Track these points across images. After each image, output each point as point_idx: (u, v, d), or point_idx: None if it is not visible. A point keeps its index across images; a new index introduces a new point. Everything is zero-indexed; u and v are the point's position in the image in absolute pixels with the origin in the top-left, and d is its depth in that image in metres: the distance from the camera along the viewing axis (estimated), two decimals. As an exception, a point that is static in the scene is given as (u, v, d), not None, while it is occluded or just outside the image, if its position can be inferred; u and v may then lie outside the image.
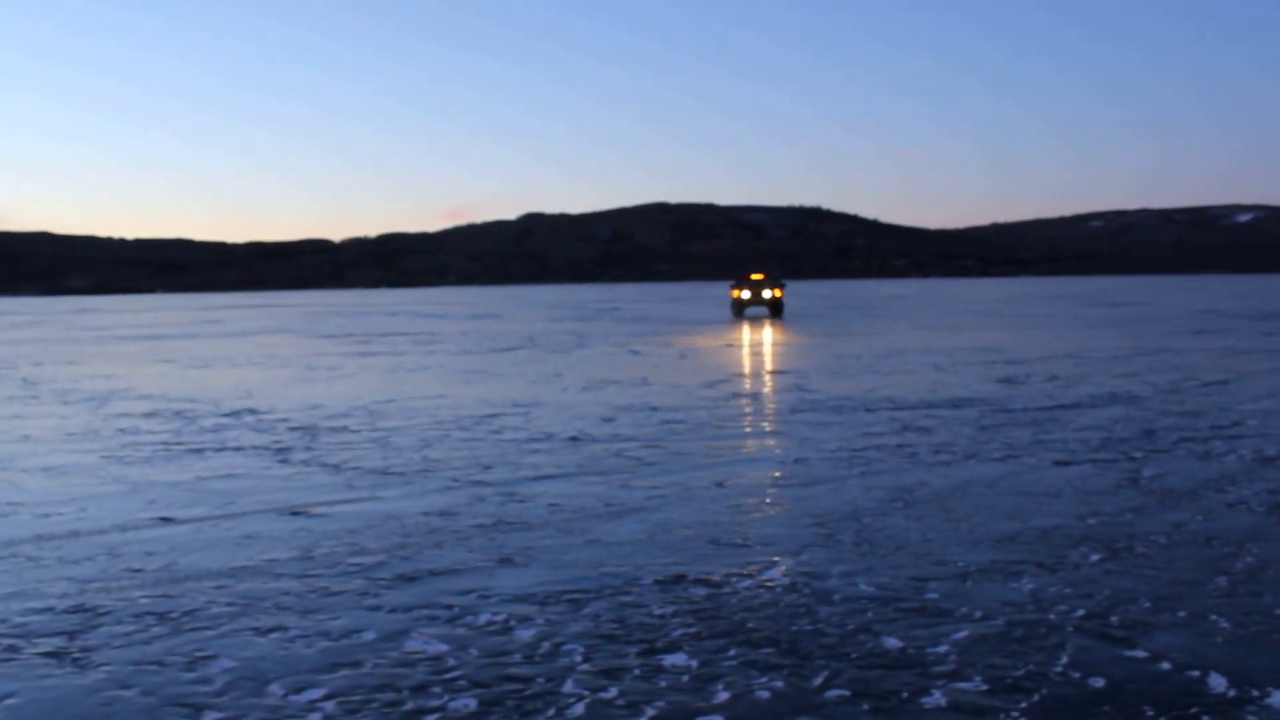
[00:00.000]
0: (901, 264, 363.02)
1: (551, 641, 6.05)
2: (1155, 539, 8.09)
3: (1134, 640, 5.96)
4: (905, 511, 9.10)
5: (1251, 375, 20.24)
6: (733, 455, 11.99)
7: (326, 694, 5.36)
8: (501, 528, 8.71)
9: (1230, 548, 7.81)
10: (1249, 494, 9.61)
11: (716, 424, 14.43)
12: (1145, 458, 11.43)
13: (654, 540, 8.28)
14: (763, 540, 8.22)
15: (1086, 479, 10.38)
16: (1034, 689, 5.32)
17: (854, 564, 7.53)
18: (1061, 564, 7.46)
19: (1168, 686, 5.33)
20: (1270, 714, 5.01)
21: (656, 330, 42.37)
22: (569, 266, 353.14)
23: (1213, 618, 6.31)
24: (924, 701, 5.18)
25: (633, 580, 7.22)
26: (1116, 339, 32.30)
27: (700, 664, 5.69)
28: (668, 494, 9.95)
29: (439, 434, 13.88)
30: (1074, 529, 8.42)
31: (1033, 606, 6.56)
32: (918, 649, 5.86)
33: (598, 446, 12.67)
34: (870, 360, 25.20)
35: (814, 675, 5.52)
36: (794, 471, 10.97)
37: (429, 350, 31.94)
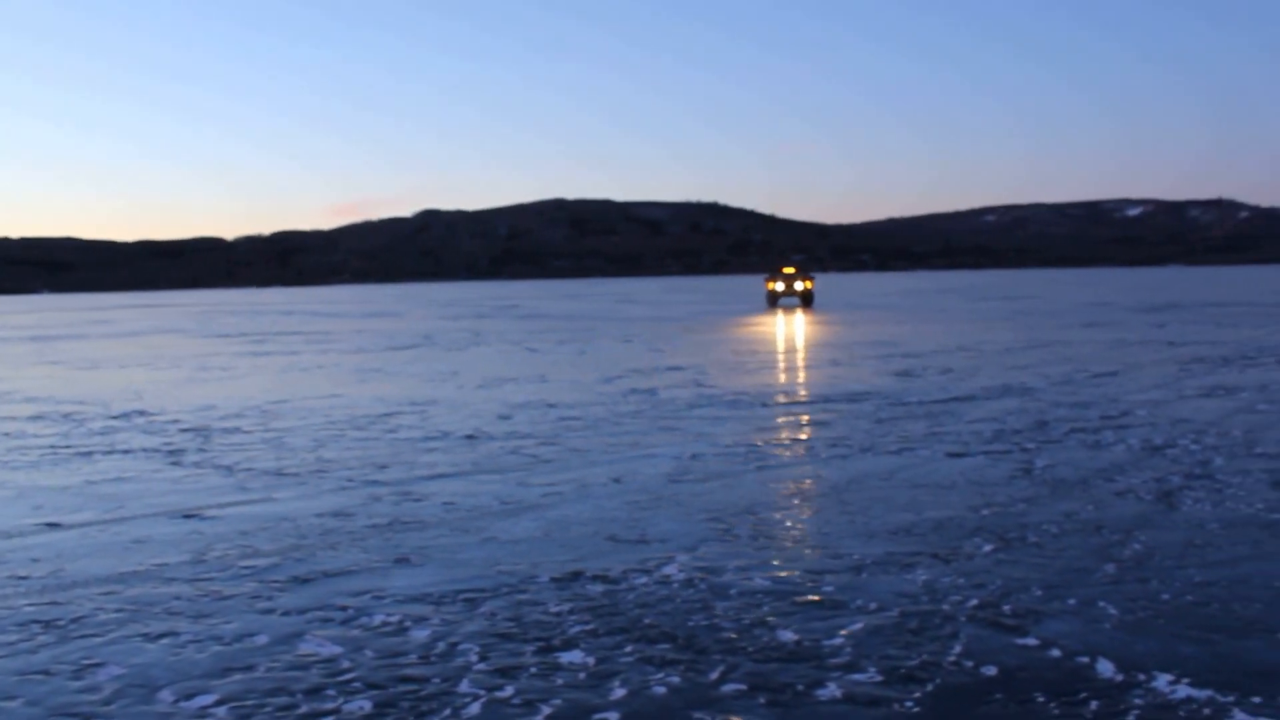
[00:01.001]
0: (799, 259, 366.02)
1: (447, 641, 5.96)
2: (1046, 528, 8.23)
3: (1025, 628, 6.05)
4: (801, 505, 9.17)
5: (1140, 366, 20.78)
6: (630, 451, 11.96)
7: (218, 699, 5.22)
8: (396, 527, 8.59)
9: (1119, 535, 7.98)
10: (1137, 482, 9.84)
11: (614, 420, 14.41)
12: (1037, 448, 11.65)
13: (550, 538, 8.22)
14: (659, 536, 8.20)
15: (980, 470, 10.55)
16: (927, 679, 5.37)
17: (750, 558, 7.55)
18: (955, 554, 7.56)
19: (1057, 673, 5.42)
20: (1156, 697, 5.11)
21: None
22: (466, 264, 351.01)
23: (1101, 604, 6.44)
24: (819, 694, 5.20)
25: (529, 578, 7.15)
26: (1010, 332, 32.96)
27: (597, 661, 5.65)
28: (564, 491, 9.89)
29: (333, 434, 13.66)
30: (967, 520, 8.54)
31: (927, 597, 6.63)
32: (813, 641, 5.88)
33: (494, 444, 12.57)
34: (766, 355, 25.39)
35: (710, 670, 5.51)
36: (691, 467, 10.98)
37: (324, 349, 31.49)
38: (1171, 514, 8.62)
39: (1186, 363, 21.40)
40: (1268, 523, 8.28)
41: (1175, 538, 7.88)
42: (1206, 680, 5.28)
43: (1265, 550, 7.54)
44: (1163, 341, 27.57)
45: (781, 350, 26.93)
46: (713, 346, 28.90)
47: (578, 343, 31.82)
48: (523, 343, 32.56)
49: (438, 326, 45.14)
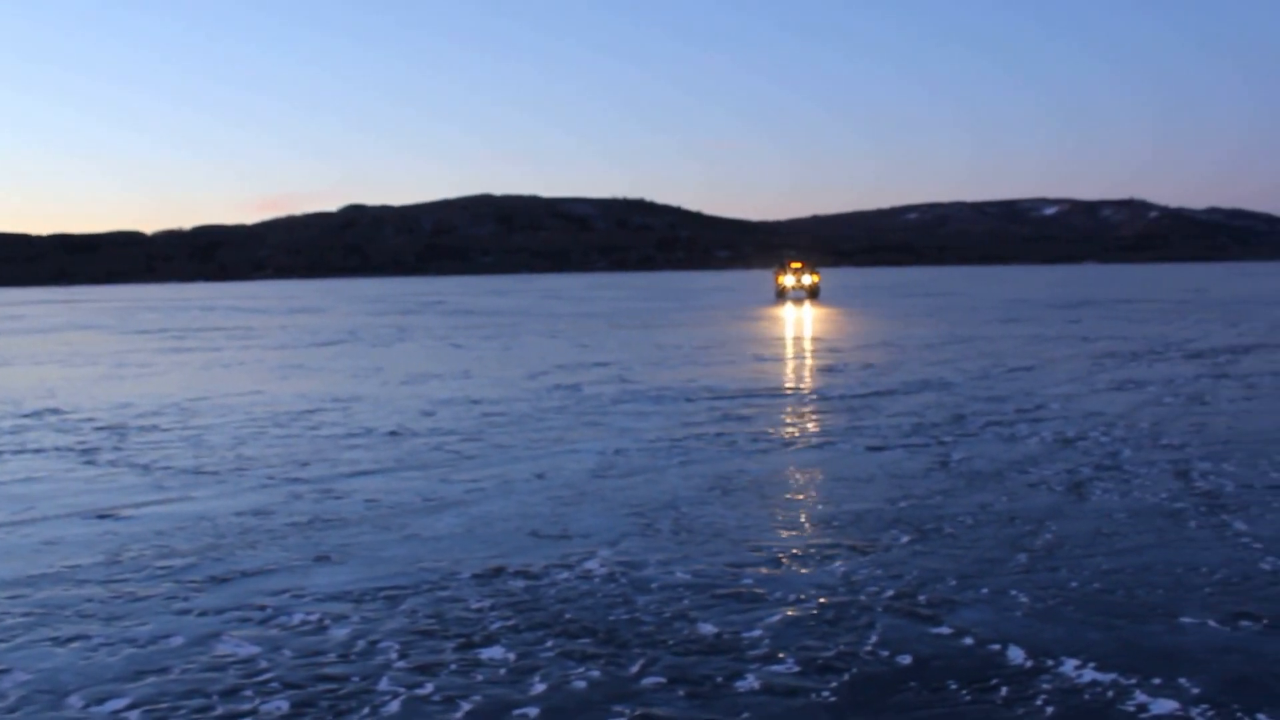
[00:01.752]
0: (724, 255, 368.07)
1: (367, 639, 5.95)
2: (962, 519, 8.39)
3: (940, 618, 6.17)
4: (723, 499, 9.25)
5: (1055, 361, 21.19)
6: (553, 447, 11.98)
7: (130, 703, 5.17)
8: (317, 525, 8.54)
9: (1031, 526, 8.16)
10: (1049, 474, 10.06)
11: (538, 416, 14.42)
12: (954, 442, 11.85)
13: (473, 534, 8.23)
14: (582, 531, 8.24)
15: (898, 463, 10.71)
16: (844, 668, 5.46)
17: (672, 552, 7.61)
18: (873, 546, 7.68)
19: (970, 660, 5.54)
20: (1063, 681, 5.25)
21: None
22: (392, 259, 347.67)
23: (1013, 593, 6.59)
24: (738, 685, 5.27)
25: (451, 575, 7.16)
26: (930, 327, 33.42)
27: (518, 656, 5.68)
28: (487, 487, 9.89)
29: (254, 431, 13.53)
30: (885, 512, 8.68)
31: (844, 588, 6.73)
32: (733, 634, 5.95)
33: (417, 441, 12.53)
34: (690, 350, 25.52)
35: (631, 663, 5.56)
36: (614, 462, 11.03)
37: (246, 346, 31.12)
38: (1081, 504, 8.84)
39: (1098, 357, 21.89)
40: (1171, 511, 8.52)
41: (1084, 527, 8.09)
42: (1111, 664, 5.44)
43: (1168, 538, 7.76)
44: (1076, 337, 28.14)
45: (705, 346, 27.06)
46: (636, 342, 28.96)
47: (503, 339, 31.75)
48: (448, 339, 32.41)
49: (363, 322, 44.77)
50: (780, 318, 41.32)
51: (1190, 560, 7.21)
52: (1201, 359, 21.37)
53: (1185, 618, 6.11)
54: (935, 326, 33.87)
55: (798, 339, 28.84)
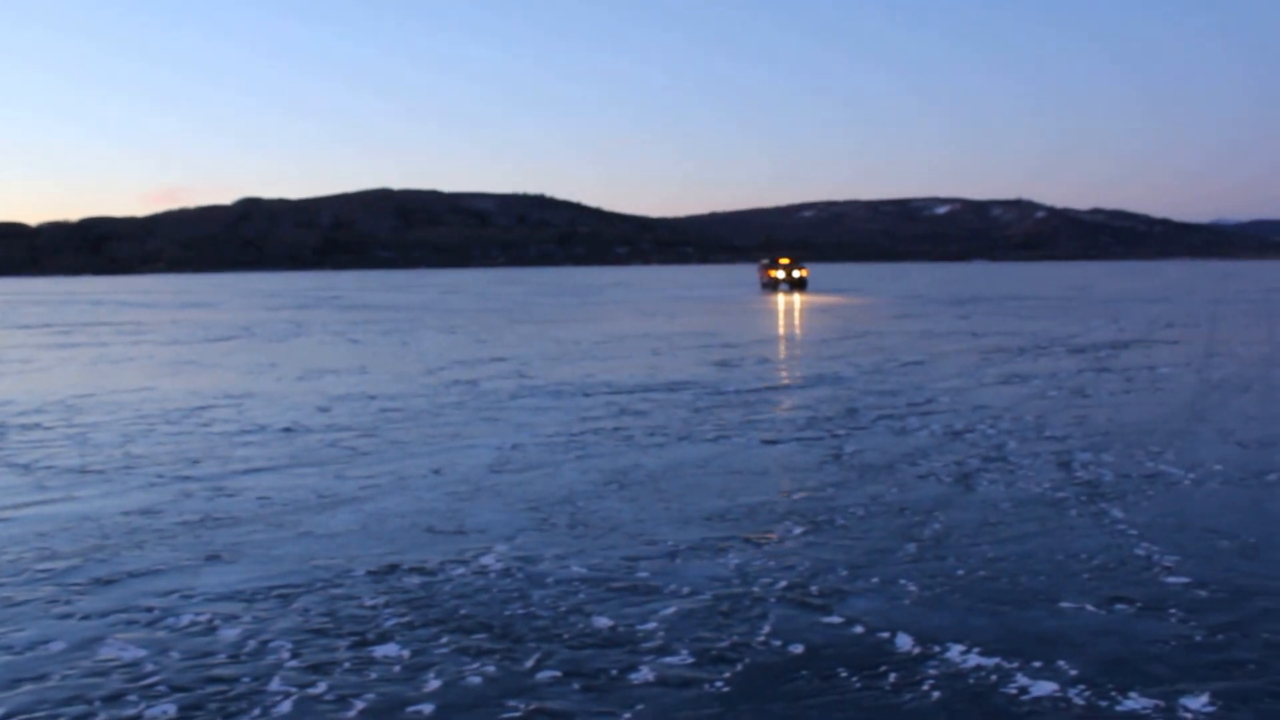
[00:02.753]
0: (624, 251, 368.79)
1: (258, 639, 5.89)
2: (854, 511, 8.55)
3: (831, 607, 6.29)
4: (619, 493, 9.30)
5: (945, 356, 21.63)
6: (450, 443, 11.94)
7: (6, 713, 5.03)
8: (208, 524, 8.41)
9: (920, 516, 8.35)
10: (938, 466, 10.29)
11: (435, 411, 14.34)
12: (847, 435, 12.05)
13: (367, 531, 8.18)
14: (478, 527, 8.24)
15: (792, 456, 10.87)
16: (737, 659, 5.54)
17: (567, 546, 7.65)
18: (767, 538, 7.79)
19: (860, 648, 5.66)
20: (949, 667, 5.39)
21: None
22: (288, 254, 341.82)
23: (902, 582, 6.74)
24: (632, 677, 5.32)
25: (345, 572, 7.11)
26: (826, 322, 33.88)
27: (412, 653, 5.67)
28: (383, 483, 9.83)
29: (143, 428, 13.25)
30: (779, 504, 8.81)
31: (738, 580, 6.83)
32: (628, 627, 6.00)
33: (312, 437, 12.39)
34: (589, 346, 25.55)
35: (526, 658, 5.59)
36: (511, 457, 11.03)
37: (135, 341, 30.43)
38: (968, 494, 9.06)
39: (987, 352, 22.40)
40: (1053, 500, 8.79)
41: (971, 517, 8.30)
42: (995, 649, 5.60)
43: (1050, 526, 8.00)
44: (966, 332, 28.76)
45: (602, 341, 27.12)
46: (536, 338, 28.92)
47: (401, 334, 31.47)
48: (345, 334, 32.04)
49: (257, 318, 44.04)
50: (680, 314, 41.55)
51: (1070, 547, 7.45)
52: (1084, 354, 21.98)
53: (1065, 602, 6.32)
54: (830, 322, 34.34)
55: (693, 333, 29.02)
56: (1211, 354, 21.62)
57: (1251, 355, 21.32)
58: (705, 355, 22.37)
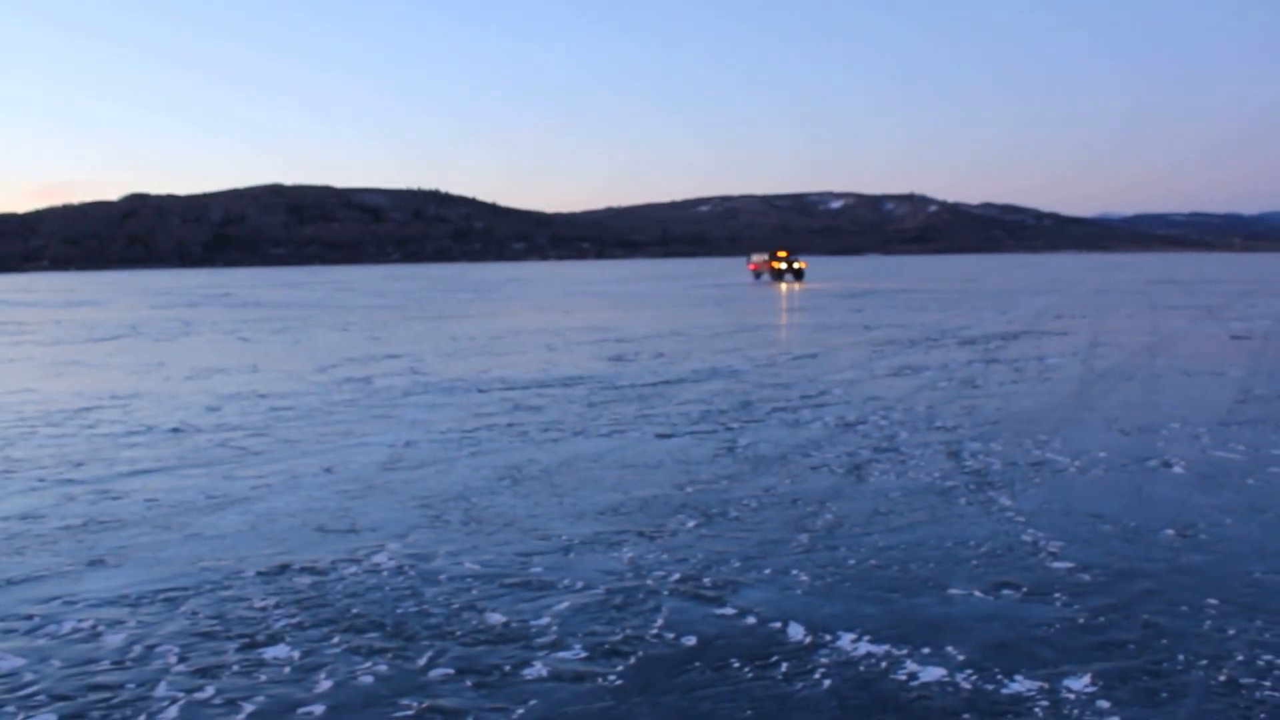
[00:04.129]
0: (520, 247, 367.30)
1: (144, 644, 5.76)
2: (747, 503, 8.62)
3: (724, 599, 6.34)
4: (513, 489, 9.27)
5: (838, 349, 21.90)
6: (343, 441, 11.78)
7: (-121, 723, 4.88)
8: (92, 528, 8.20)
9: (812, 507, 8.45)
10: (831, 457, 10.41)
11: (327, 409, 14.15)
12: (741, 427, 12.14)
13: (258, 531, 8.04)
14: (370, 525, 8.15)
15: (686, 449, 10.92)
16: (631, 652, 5.56)
17: (461, 543, 7.60)
18: (660, 531, 7.82)
19: (752, 639, 5.71)
20: (840, 654, 5.47)
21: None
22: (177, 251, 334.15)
23: (794, 572, 6.81)
24: (526, 673, 5.31)
25: (234, 574, 6.98)
26: (720, 316, 34.11)
27: (303, 654, 5.59)
28: (274, 483, 9.67)
29: (24, 431, 12.87)
30: (673, 497, 8.84)
31: (632, 574, 6.84)
32: (521, 623, 5.99)
33: (201, 437, 12.14)
34: (484, 342, 25.41)
35: (418, 656, 5.54)
36: (404, 454, 10.92)
37: (15, 342, 29.53)
38: (860, 485, 9.19)
39: (879, 345, 22.74)
40: (943, 489, 8.96)
41: (863, 507, 8.42)
42: (885, 636, 5.69)
43: (939, 514, 8.15)
44: (859, 325, 29.16)
45: (497, 336, 26.98)
46: (430, 334, 28.68)
47: (293, 332, 30.98)
48: (235, 332, 31.44)
49: (145, 316, 43.00)
50: (580, 308, 41.51)
51: (959, 535, 7.59)
52: (974, 345, 22.42)
53: (953, 589, 6.44)
54: (724, 316, 34.57)
55: (588, 328, 29.02)
56: (1097, 344, 22.20)
57: (1135, 345, 21.93)
58: (600, 349, 22.39)
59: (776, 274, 75.45)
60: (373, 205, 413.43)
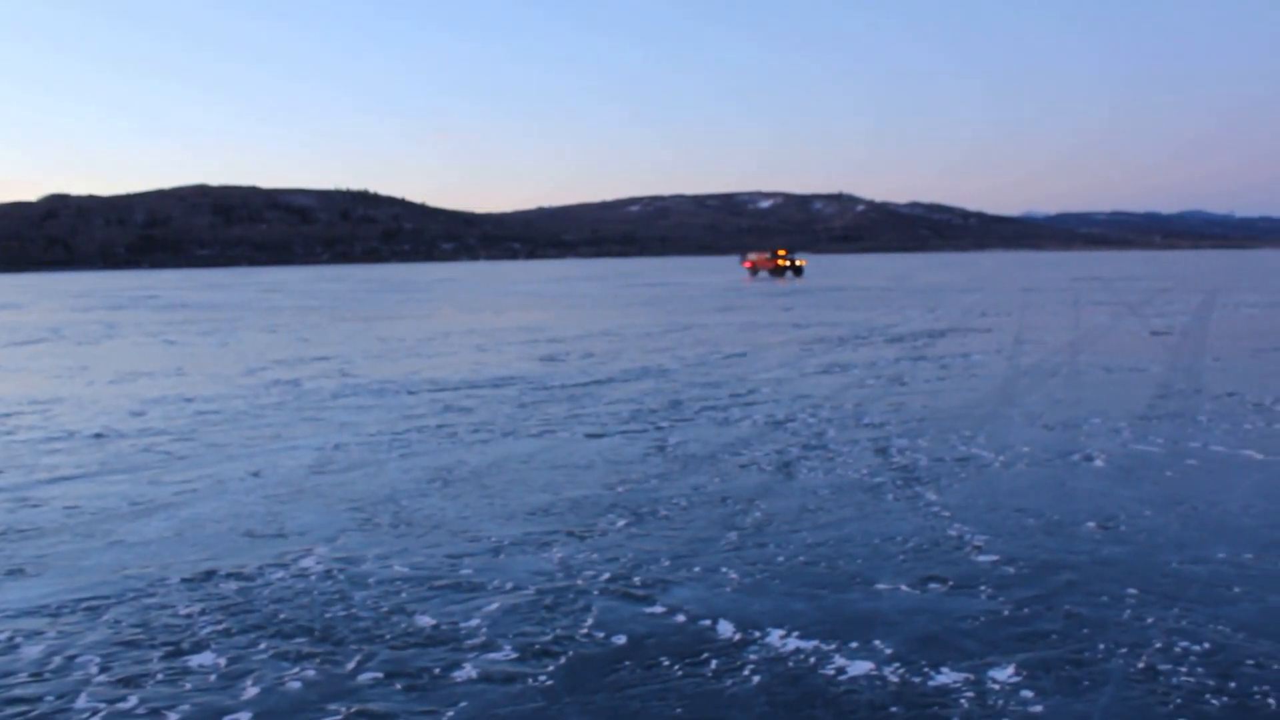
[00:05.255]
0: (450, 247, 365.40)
1: (64, 655, 5.65)
2: (677, 501, 8.65)
3: (654, 597, 6.36)
4: (443, 491, 9.22)
5: (767, 347, 22.03)
6: (271, 444, 11.65)
7: None
8: (10, 537, 8.03)
9: (742, 505, 8.49)
10: (760, 455, 10.47)
11: (255, 413, 13.98)
12: (671, 426, 12.17)
13: (183, 537, 7.92)
14: (299, 529, 8.07)
15: (617, 449, 10.93)
16: (561, 652, 5.56)
17: (390, 546, 7.55)
18: (590, 531, 7.82)
19: (682, 636, 5.74)
20: (769, 650, 5.51)
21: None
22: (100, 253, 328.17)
23: (724, 570, 6.85)
24: (455, 675, 5.29)
25: (159, 581, 6.88)
26: (650, 316, 34.15)
27: (229, 661, 5.52)
28: (200, 488, 9.54)
29: (-60, 439, 12.57)
30: (603, 497, 8.85)
31: (562, 574, 6.84)
32: (451, 625, 5.96)
33: (125, 443, 11.94)
34: (414, 343, 25.24)
35: (347, 660, 5.50)
36: (333, 457, 10.83)
37: (-69, 347, 28.83)
38: (789, 482, 9.25)
39: (808, 343, 22.91)
40: (870, 486, 9.05)
41: (791, 504, 8.48)
42: (813, 632, 5.74)
43: (867, 511, 8.23)
44: (788, 324, 29.36)
45: (427, 338, 26.82)
46: (359, 335, 28.44)
47: (220, 334, 30.55)
48: (161, 335, 30.95)
49: (67, 319, 42.18)
50: (510, 309, 41.38)
51: (887, 530, 7.68)
52: (902, 343, 22.67)
53: (881, 584, 6.51)
54: (655, 316, 34.64)
55: (519, 329, 28.93)
56: (1021, 341, 22.53)
57: (1058, 342, 22.28)
58: (531, 350, 22.34)
59: (779, 271, 79.90)
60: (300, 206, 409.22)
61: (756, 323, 29.88)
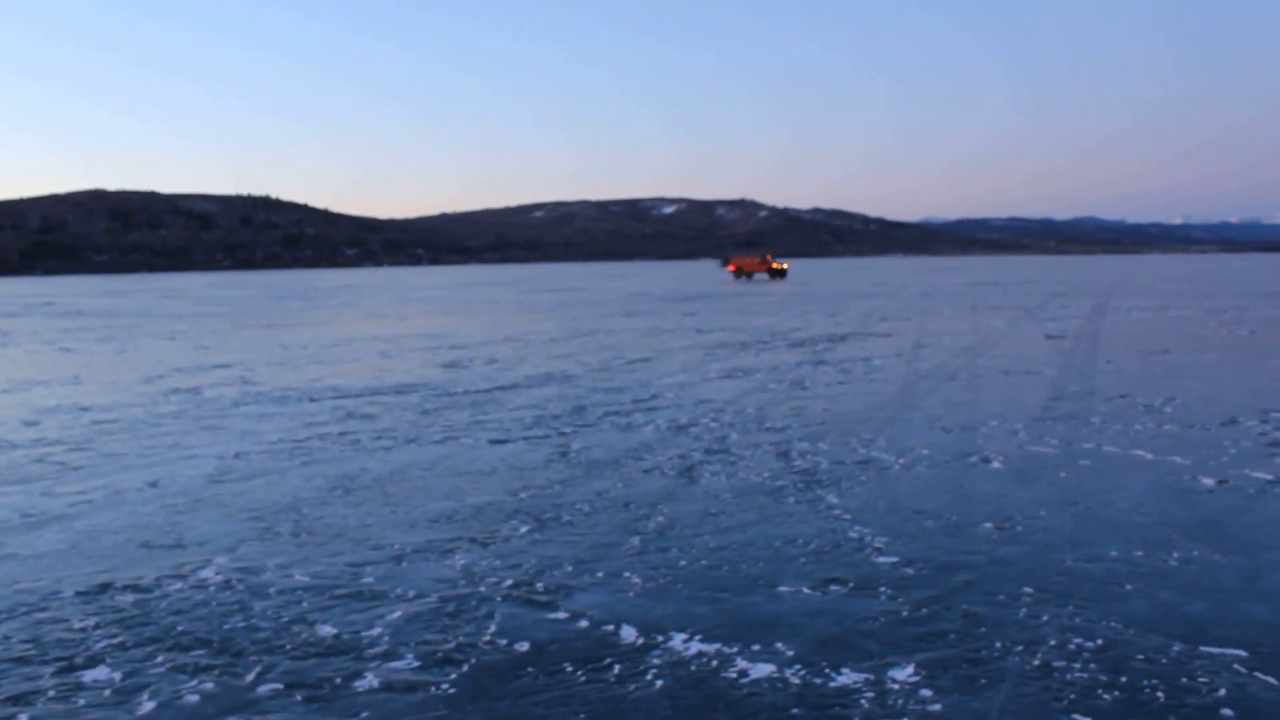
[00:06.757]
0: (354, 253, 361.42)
1: (-49, 671, 5.50)
2: (580, 507, 8.67)
3: (557, 603, 6.37)
4: (345, 499, 9.14)
5: (670, 352, 22.14)
6: (169, 453, 11.45)
7: None
8: (-105, 551, 7.79)
9: (645, 510, 8.54)
10: (663, 460, 10.53)
11: (153, 421, 13.72)
12: (574, 432, 12.19)
13: (78, 549, 7.76)
14: (198, 539, 7.94)
15: (520, 455, 10.92)
16: (464, 660, 5.54)
17: (291, 555, 7.47)
18: (493, 538, 7.81)
19: (585, 642, 5.76)
20: (672, 654, 5.55)
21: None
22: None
23: (627, 574, 6.88)
24: (357, 685, 5.26)
25: (52, 594, 6.72)
26: (555, 322, 34.13)
27: (124, 675, 5.42)
28: (95, 499, 9.34)
29: None
30: (506, 504, 8.84)
31: (465, 581, 6.82)
32: (352, 634, 5.92)
33: (17, 453, 11.65)
34: (316, 350, 24.94)
35: (246, 672, 5.43)
36: (233, 466, 10.67)
37: None
38: (692, 486, 9.32)
39: (711, 348, 23.08)
40: (772, 489, 9.16)
41: (694, 508, 8.55)
42: (716, 635, 5.80)
43: (769, 514, 8.33)
44: (691, 329, 29.54)
45: (329, 345, 26.51)
46: (260, 343, 28.03)
47: (118, 341, 29.90)
48: (57, 342, 30.18)
49: (-48, 329, 40.97)
50: (408, 317, 41.05)
51: (788, 533, 7.77)
52: (803, 347, 22.93)
53: (783, 586, 6.59)
54: (559, 321, 34.63)
55: (422, 335, 28.73)
56: (921, 345, 22.91)
57: (957, 346, 22.70)
58: (434, 356, 22.20)
59: (775, 273, 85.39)
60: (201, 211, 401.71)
61: (660, 328, 30.01)
